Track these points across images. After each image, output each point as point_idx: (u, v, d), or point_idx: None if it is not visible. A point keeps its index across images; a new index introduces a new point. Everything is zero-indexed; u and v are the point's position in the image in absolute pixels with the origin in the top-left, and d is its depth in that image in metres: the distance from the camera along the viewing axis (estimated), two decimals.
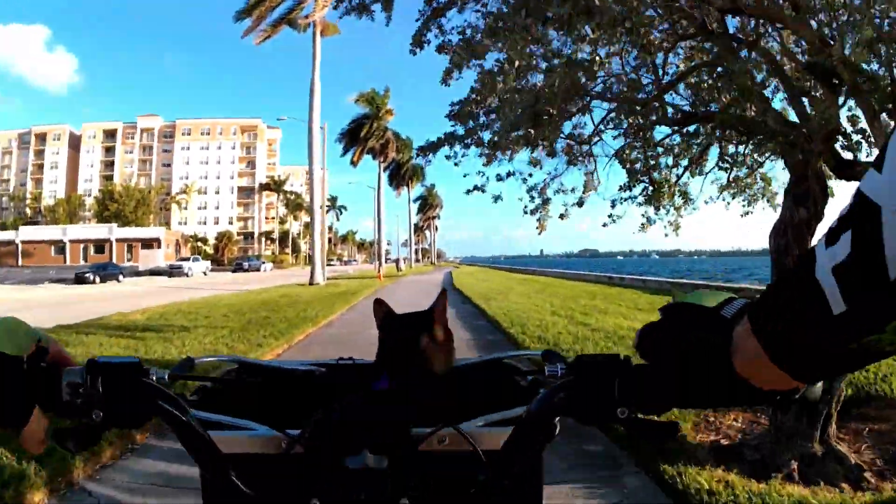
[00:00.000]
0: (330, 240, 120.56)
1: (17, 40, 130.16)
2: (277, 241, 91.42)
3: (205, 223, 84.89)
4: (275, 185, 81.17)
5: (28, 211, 79.16)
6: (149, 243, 57.07)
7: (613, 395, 0.47)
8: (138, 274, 41.42)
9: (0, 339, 0.47)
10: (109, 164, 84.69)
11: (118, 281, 30.78)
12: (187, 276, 37.41)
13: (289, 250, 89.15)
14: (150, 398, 0.51)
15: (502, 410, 0.60)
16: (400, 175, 46.76)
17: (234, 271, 47.83)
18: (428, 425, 0.56)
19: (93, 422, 0.50)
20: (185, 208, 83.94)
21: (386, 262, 44.66)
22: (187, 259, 42.50)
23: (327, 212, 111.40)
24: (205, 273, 41.56)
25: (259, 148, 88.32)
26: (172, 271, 38.38)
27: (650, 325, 0.48)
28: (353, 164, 33.84)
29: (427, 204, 73.60)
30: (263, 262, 55.74)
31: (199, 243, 74.36)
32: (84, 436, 0.50)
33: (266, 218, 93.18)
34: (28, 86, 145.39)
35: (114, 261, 51.49)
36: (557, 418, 0.53)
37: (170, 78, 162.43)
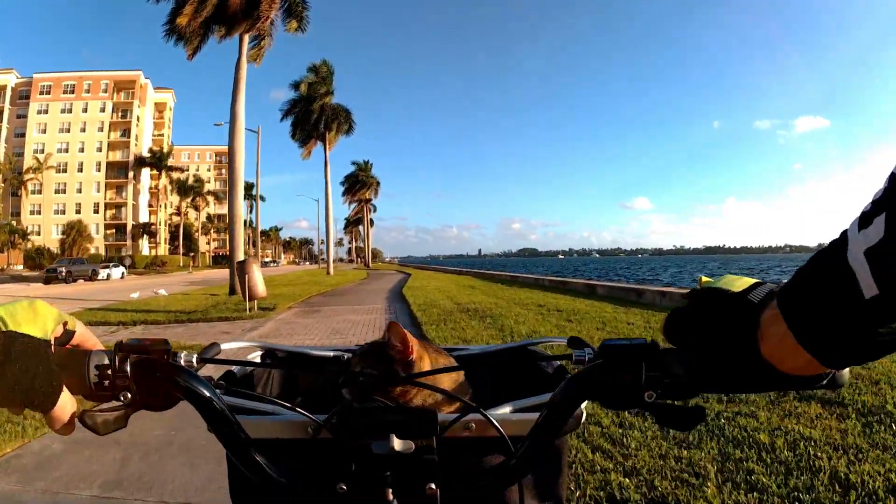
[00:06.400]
0: (248, 236, 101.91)
1: None
2: (164, 237, 71.54)
3: (63, 212, 63.86)
4: (154, 160, 61.06)
5: None
6: None
7: (640, 379, 0.47)
8: None
9: (26, 321, 0.46)
10: None
11: None
12: None
13: (182, 249, 69.73)
14: (179, 380, 0.51)
15: (528, 397, 0.60)
16: (310, 121, 27.93)
17: (45, 282, 29.79)
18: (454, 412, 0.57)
19: (121, 403, 0.49)
20: (38, 192, 62.85)
21: (317, 261, 26.80)
22: None
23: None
24: None
25: (139, 112, 67.18)
26: None
27: (677, 311, 0.48)
28: (177, 32, 14.99)
29: (359, 183, 54.68)
30: (108, 266, 37.17)
31: (17, 237, 53.52)
32: (112, 418, 0.49)
33: (150, 206, 72.65)
34: None
35: None
36: (584, 405, 0.53)
37: (30, 20, 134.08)
